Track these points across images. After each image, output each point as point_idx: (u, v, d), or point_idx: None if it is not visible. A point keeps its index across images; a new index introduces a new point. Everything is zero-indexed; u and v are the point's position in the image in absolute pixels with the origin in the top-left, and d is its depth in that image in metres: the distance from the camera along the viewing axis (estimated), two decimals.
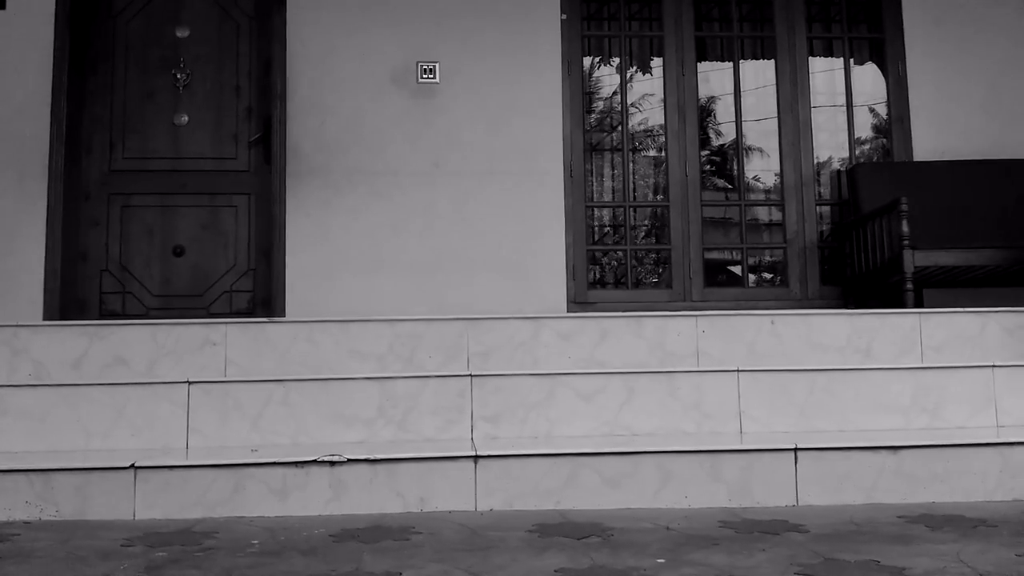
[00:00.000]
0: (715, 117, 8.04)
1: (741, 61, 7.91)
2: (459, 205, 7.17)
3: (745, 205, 7.81)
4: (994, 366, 4.61)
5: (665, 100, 7.67)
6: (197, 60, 7.30)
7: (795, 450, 3.90)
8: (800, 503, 3.89)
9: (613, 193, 7.76)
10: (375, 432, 4.33)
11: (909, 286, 6.21)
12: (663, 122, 7.67)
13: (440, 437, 4.35)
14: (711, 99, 8.08)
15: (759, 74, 7.99)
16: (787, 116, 7.67)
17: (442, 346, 5.11)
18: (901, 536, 3.24)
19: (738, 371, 4.51)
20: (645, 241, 7.90)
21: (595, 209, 7.69)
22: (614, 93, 7.84)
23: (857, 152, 7.87)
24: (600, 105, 8.03)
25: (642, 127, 7.75)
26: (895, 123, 7.66)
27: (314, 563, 2.91)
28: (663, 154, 7.71)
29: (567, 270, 7.22)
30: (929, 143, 7.55)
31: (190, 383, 4.34)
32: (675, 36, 7.69)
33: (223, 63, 7.34)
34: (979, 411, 4.56)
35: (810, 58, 7.85)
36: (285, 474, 3.74)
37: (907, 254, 6.26)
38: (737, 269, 7.99)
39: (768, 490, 3.88)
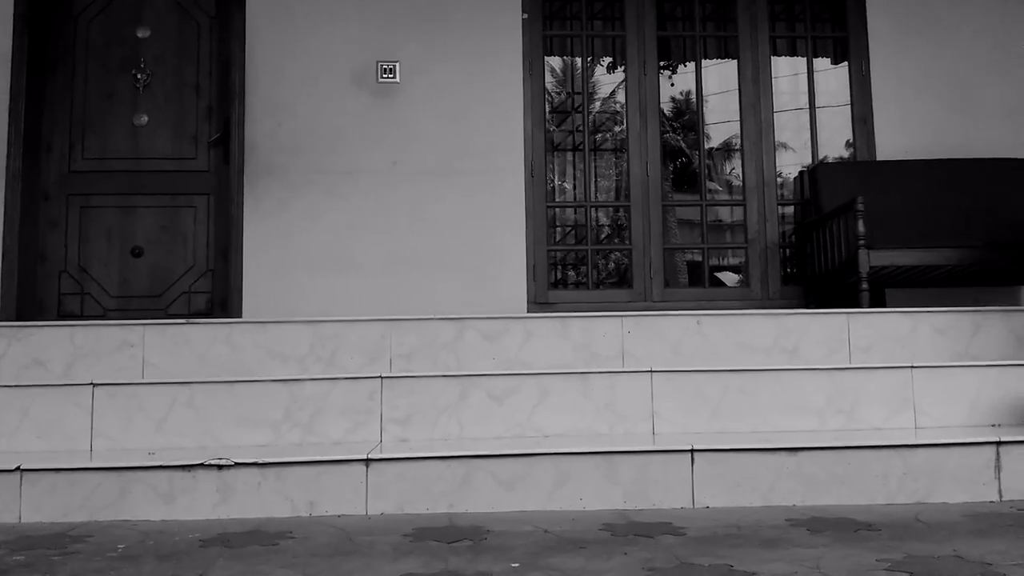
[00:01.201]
0: (679, 117, 8.01)
1: (704, 61, 7.87)
2: (419, 205, 7.15)
3: (706, 205, 7.77)
4: (912, 367, 4.57)
5: (627, 100, 7.63)
6: (158, 60, 7.31)
7: (691, 451, 3.88)
8: (696, 505, 3.87)
9: (575, 193, 7.74)
10: (281, 435, 4.32)
11: (865, 286, 6.16)
12: (624, 122, 7.62)
13: (347, 440, 4.34)
14: (679, 98, 8.05)
15: (723, 75, 7.95)
16: (749, 116, 7.62)
17: (364, 347, 5.10)
18: (775, 540, 3.22)
19: (651, 372, 4.49)
20: (607, 241, 7.87)
21: (556, 209, 7.68)
22: (576, 92, 7.80)
23: (822, 152, 7.81)
24: (561, 105, 8.00)
25: (603, 127, 7.73)
26: (858, 122, 7.61)
27: (163, 568, 2.90)
28: (624, 154, 7.67)
29: (528, 270, 7.20)
30: (894, 142, 7.49)
31: (94, 385, 4.34)
32: (637, 36, 7.65)
33: (184, 63, 7.35)
34: (897, 412, 4.52)
35: (774, 58, 7.79)
36: (172, 477, 3.74)
37: (863, 254, 6.21)
38: (727, 269, 7.95)
39: (663, 492, 3.86)
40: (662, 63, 8.04)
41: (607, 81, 7.95)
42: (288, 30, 7.19)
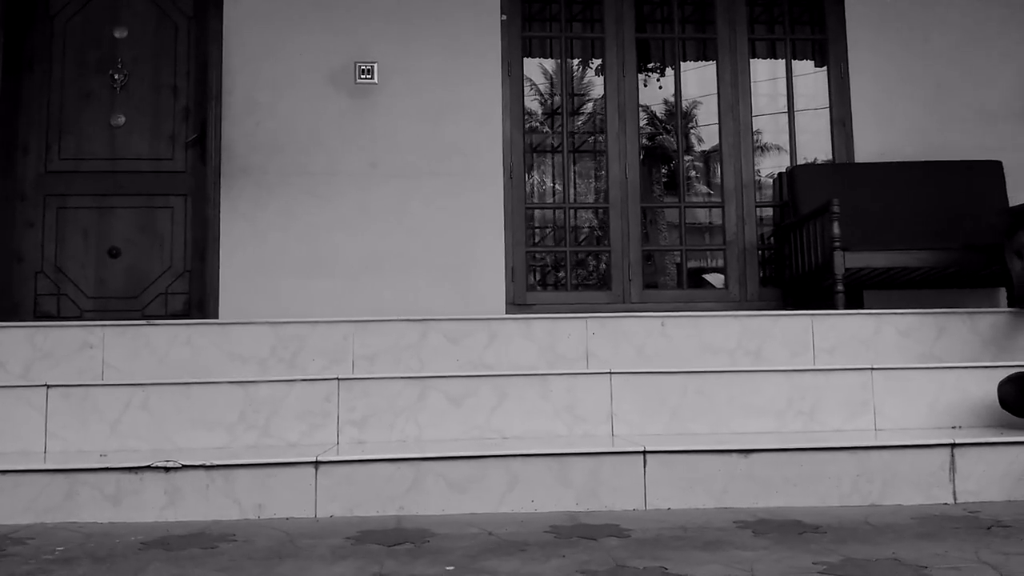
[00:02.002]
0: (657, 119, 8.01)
1: (695, 63, 7.86)
2: (397, 206, 7.14)
3: (684, 207, 7.76)
4: (872, 369, 4.56)
5: (605, 102, 7.61)
6: (135, 61, 7.30)
7: (644, 453, 3.86)
8: (648, 507, 3.85)
9: (554, 195, 7.72)
10: (236, 437, 4.31)
11: (840, 288, 6.15)
12: (604, 124, 7.61)
13: (303, 442, 4.32)
14: (671, 100, 8.03)
15: (703, 77, 7.94)
16: (728, 118, 7.61)
17: (326, 349, 5.09)
18: (717, 542, 3.20)
19: (611, 373, 4.48)
20: (586, 243, 7.86)
21: (535, 211, 7.67)
22: (554, 94, 7.78)
23: (806, 154, 7.79)
24: (540, 107, 7.99)
25: (583, 129, 7.72)
26: (836, 125, 7.59)
27: (96, 571, 2.89)
28: (603, 156, 7.66)
29: (506, 272, 7.19)
30: (872, 144, 7.47)
31: (48, 387, 4.33)
32: (616, 38, 7.64)
33: (161, 64, 7.34)
34: (857, 414, 4.51)
35: (755, 61, 7.78)
36: (119, 480, 3.72)
37: (838, 256, 6.20)
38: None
39: (616, 494, 3.85)
40: (651, 65, 8.03)
41: (585, 82, 7.93)
42: (266, 30, 7.17)
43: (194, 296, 7.08)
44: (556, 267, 7.70)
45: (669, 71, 8.05)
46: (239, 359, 5.01)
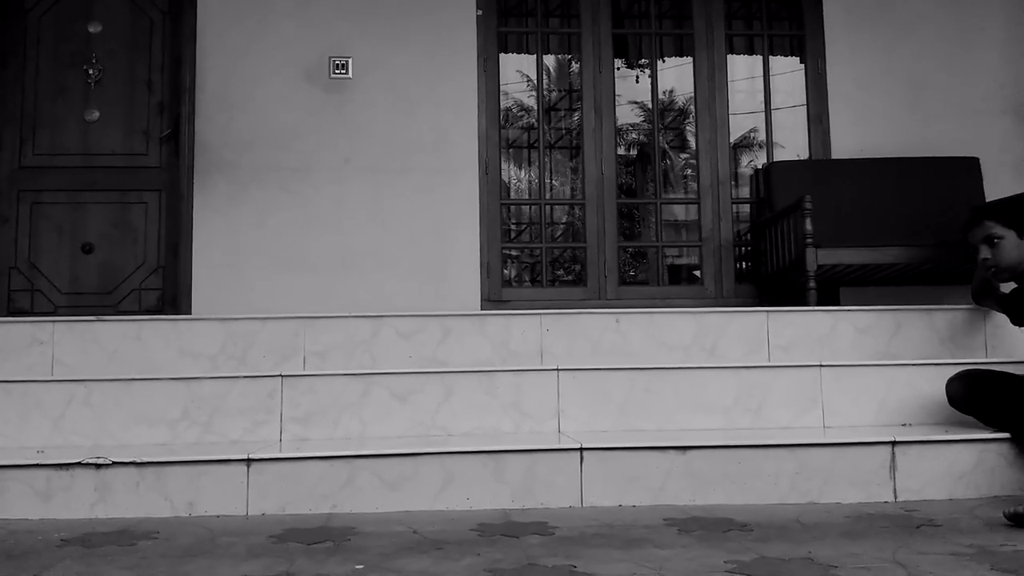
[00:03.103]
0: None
1: (660, 59, 7.83)
2: (372, 202, 7.13)
3: (661, 203, 7.73)
4: (821, 365, 4.52)
5: (582, 98, 7.58)
6: (110, 56, 7.29)
7: (580, 450, 3.83)
8: (585, 504, 3.82)
9: (529, 191, 7.70)
10: (179, 434, 4.29)
11: (812, 284, 6.11)
12: (580, 120, 7.57)
13: (247, 439, 4.30)
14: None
15: (682, 72, 7.91)
16: (704, 114, 7.57)
17: (277, 345, 5.06)
18: (638, 540, 3.18)
19: (558, 370, 4.45)
20: (562, 239, 7.83)
21: (511, 207, 7.64)
22: (531, 90, 7.75)
23: (787, 151, 7.76)
24: (516, 103, 7.97)
25: (559, 125, 7.70)
26: (813, 121, 7.55)
27: (3, 568, 2.87)
28: (579, 152, 7.63)
29: (481, 268, 7.17)
30: (849, 141, 7.43)
31: None
32: (592, 33, 7.61)
33: (135, 59, 7.33)
34: (806, 411, 4.47)
35: (732, 56, 7.75)
36: (49, 476, 3.71)
37: (810, 252, 6.16)
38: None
39: (551, 491, 3.82)
40: (642, 61, 8.00)
41: (561, 77, 7.91)
42: (240, 25, 7.16)
43: (167, 292, 7.07)
44: (533, 263, 7.66)
45: (664, 64, 7.99)
46: (189, 355, 4.99)
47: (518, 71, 7.60)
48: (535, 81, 7.63)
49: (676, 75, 7.79)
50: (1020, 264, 4.41)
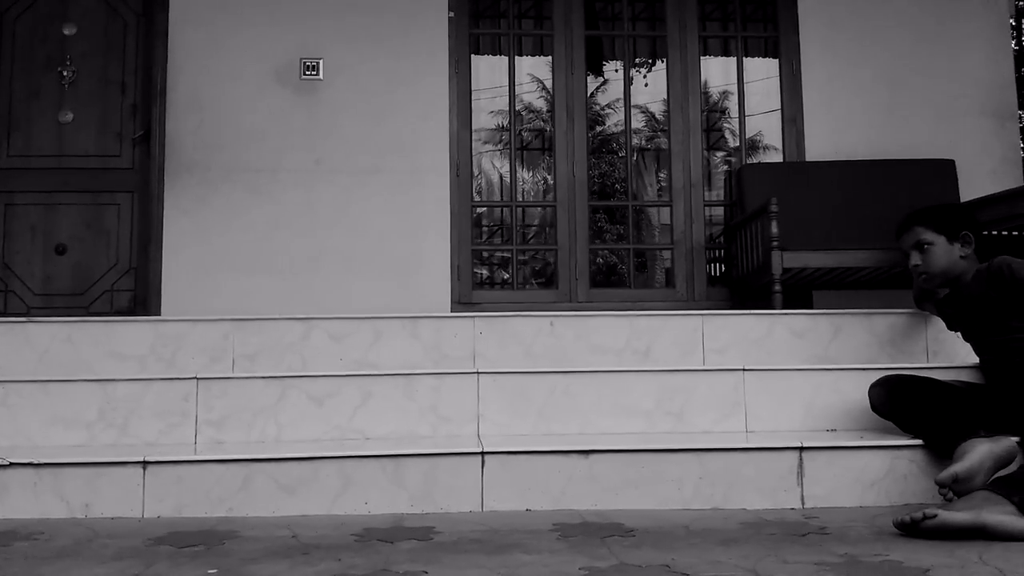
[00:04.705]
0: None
1: (632, 60, 7.79)
2: (342, 203, 7.13)
3: (633, 206, 7.68)
4: (744, 369, 4.46)
5: (553, 100, 7.55)
6: (84, 57, 7.33)
7: (482, 454, 3.80)
8: (485, 509, 3.79)
9: (501, 193, 7.67)
10: (95, 436, 4.28)
11: (777, 288, 6.09)
12: (552, 122, 7.54)
13: (161, 441, 4.29)
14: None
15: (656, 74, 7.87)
16: (677, 116, 7.53)
17: (206, 348, 5.05)
18: (512, 545, 3.13)
19: (478, 373, 4.41)
20: (534, 241, 7.80)
21: (483, 209, 7.62)
22: (503, 92, 7.72)
23: (764, 153, 7.70)
24: (488, 104, 7.94)
25: (532, 126, 7.67)
26: (787, 123, 7.50)
27: None
28: (551, 154, 7.60)
29: (451, 270, 7.15)
30: (824, 143, 7.38)
31: None
32: (564, 35, 7.58)
33: (109, 61, 7.36)
34: (728, 416, 4.40)
35: (707, 58, 7.70)
36: None
37: (775, 256, 6.13)
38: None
39: (451, 495, 3.78)
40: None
41: (535, 80, 7.88)
42: (212, 27, 7.19)
43: (139, 293, 7.10)
44: (504, 265, 7.64)
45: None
46: (118, 357, 4.99)
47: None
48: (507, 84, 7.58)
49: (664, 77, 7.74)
50: (950, 270, 4.35)
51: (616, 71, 7.89)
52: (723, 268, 7.55)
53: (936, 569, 2.79)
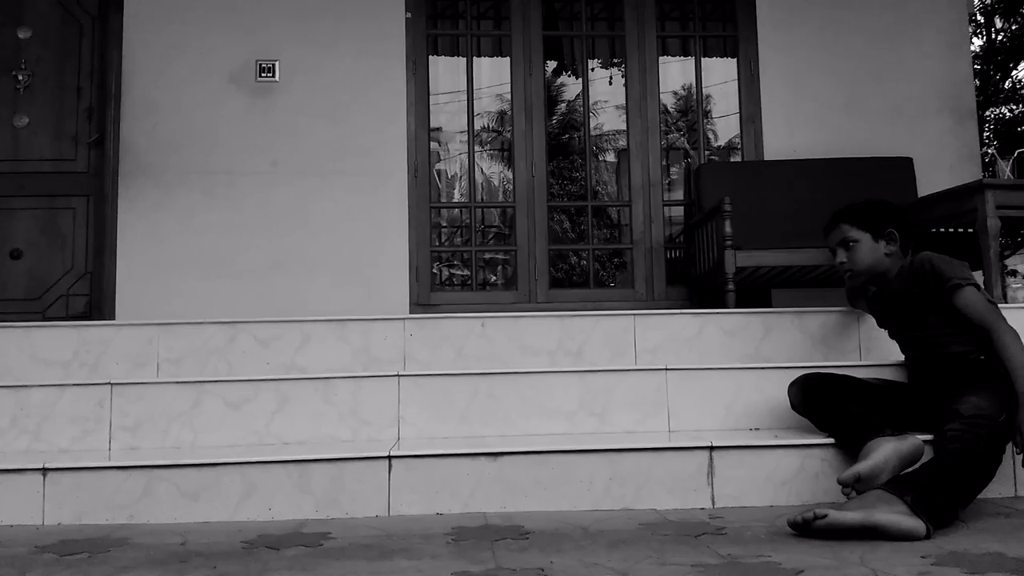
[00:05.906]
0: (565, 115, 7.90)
1: (591, 61, 7.75)
2: (299, 206, 7.10)
3: (592, 206, 7.64)
4: (667, 369, 4.40)
5: (512, 100, 7.51)
6: (39, 61, 7.30)
7: (389, 458, 3.75)
8: (392, 513, 3.74)
9: (460, 194, 7.64)
10: (8, 443, 4.22)
11: (731, 287, 6.04)
12: (511, 122, 7.50)
13: (75, 448, 4.24)
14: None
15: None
16: (635, 116, 7.48)
17: (130, 353, 5.00)
18: (398, 551, 3.09)
19: (399, 376, 4.36)
20: (494, 242, 7.76)
21: (442, 210, 7.58)
22: (462, 95, 7.68)
23: (725, 152, 7.66)
24: (449, 105, 7.90)
25: (490, 127, 7.63)
26: (746, 122, 7.45)
27: None
28: (510, 155, 7.56)
29: (410, 272, 7.11)
30: (782, 142, 7.33)
31: None
32: (522, 35, 7.53)
33: (65, 64, 7.33)
34: (651, 416, 4.35)
35: (666, 58, 7.65)
36: None
37: (728, 255, 6.08)
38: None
39: (357, 500, 3.73)
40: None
41: (493, 82, 7.83)
42: (167, 30, 7.16)
43: (95, 298, 7.07)
44: (464, 267, 7.60)
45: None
46: (42, 362, 4.94)
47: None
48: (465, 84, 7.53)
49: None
50: (875, 267, 4.30)
51: (568, 73, 7.83)
52: (681, 268, 7.50)
53: (811, 570, 2.74)
